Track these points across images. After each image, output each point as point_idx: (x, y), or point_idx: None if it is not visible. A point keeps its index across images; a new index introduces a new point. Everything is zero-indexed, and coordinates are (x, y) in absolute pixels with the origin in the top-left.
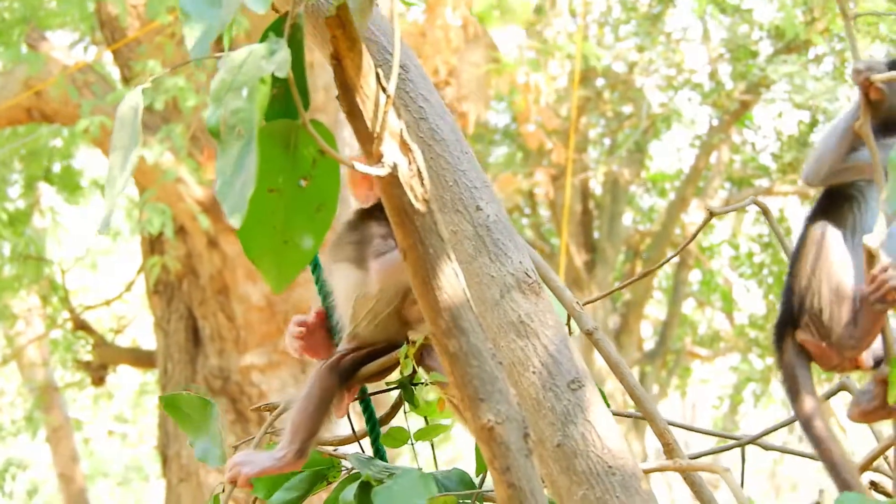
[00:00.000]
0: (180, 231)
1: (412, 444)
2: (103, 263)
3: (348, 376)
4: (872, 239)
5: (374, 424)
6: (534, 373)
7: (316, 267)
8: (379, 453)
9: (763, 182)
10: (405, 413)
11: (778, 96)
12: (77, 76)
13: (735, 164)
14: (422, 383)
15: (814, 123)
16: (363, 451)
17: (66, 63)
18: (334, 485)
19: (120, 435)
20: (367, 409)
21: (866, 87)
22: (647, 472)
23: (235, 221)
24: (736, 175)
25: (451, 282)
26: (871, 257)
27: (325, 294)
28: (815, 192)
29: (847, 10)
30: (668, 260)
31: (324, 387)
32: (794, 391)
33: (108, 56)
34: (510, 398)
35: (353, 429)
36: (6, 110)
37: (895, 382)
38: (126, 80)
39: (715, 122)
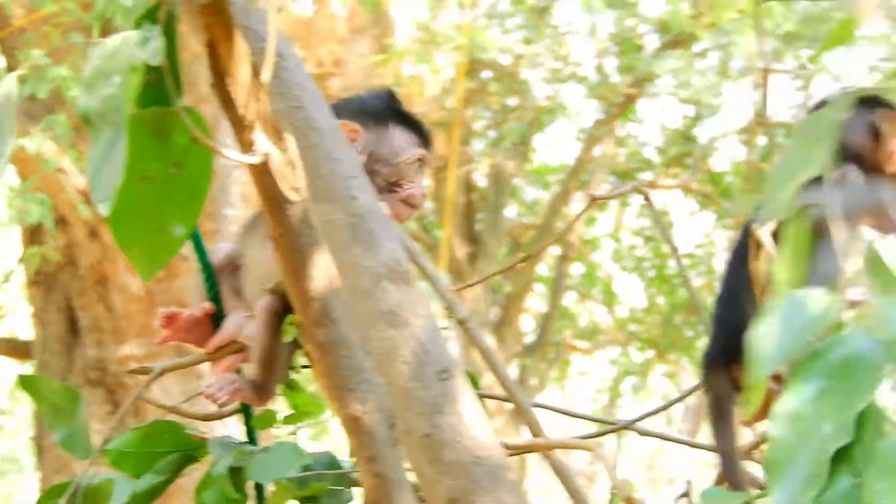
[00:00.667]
0: (61, 221)
1: (295, 429)
2: None
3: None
4: (763, 228)
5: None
6: (403, 363)
7: (199, 246)
8: (251, 434)
9: (647, 175)
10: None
11: (663, 90)
12: None
13: (619, 158)
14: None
15: (698, 118)
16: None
17: None
18: (205, 465)
19: None
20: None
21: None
22: (518, 448)
23: (104, 209)
24: (620, 168)
25: (322, 271)
26: (758, 248)
27: (208, 272)
28: (698, 186)
29: None
30: (546, 245)
31: (272, 328)
32: (718, 426)
33: None
34: (377, 388)
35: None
36: None
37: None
38: (11, 70)
39: (600, 116)
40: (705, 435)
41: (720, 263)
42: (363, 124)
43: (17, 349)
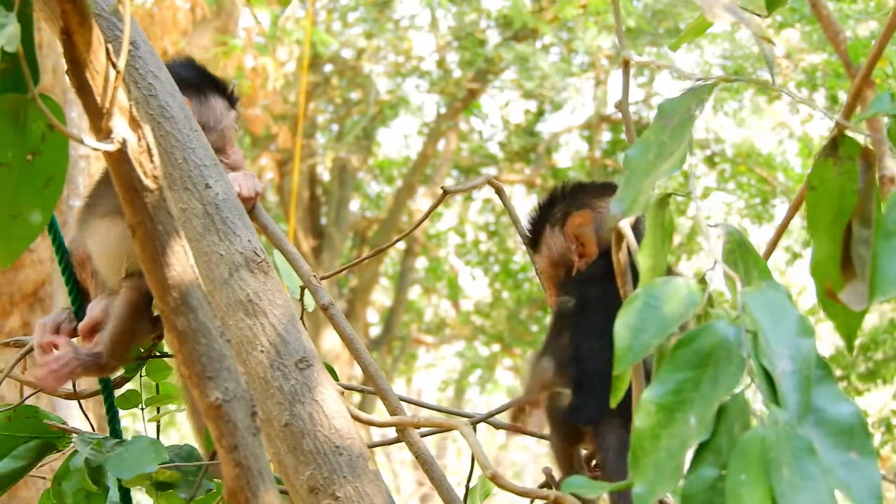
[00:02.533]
0: None
1: (142, 409)
2: None
3: None
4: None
5: (106, 383)
6: (262, 352)
7: (53, 233)
8: (112, 412)
9: (490, 170)
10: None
11: (506, 85)
12: None
13: (463, 152)
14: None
15: (540, 112)
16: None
17: None
18: (65, 453)
19: None
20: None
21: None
22: (386, 424)
23: None
24: (463, 163)
25: (181, 259)
26: (619, 238)
27: (65, 262)
28: (541, 182)
29: None
30: (398, 240)
31: (134, 304)
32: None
33: None
34: (238, 377)
35: (74, 388)
36: None
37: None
38: None
39: (443, 110)
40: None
41: None
42: (186, 96)
43: None
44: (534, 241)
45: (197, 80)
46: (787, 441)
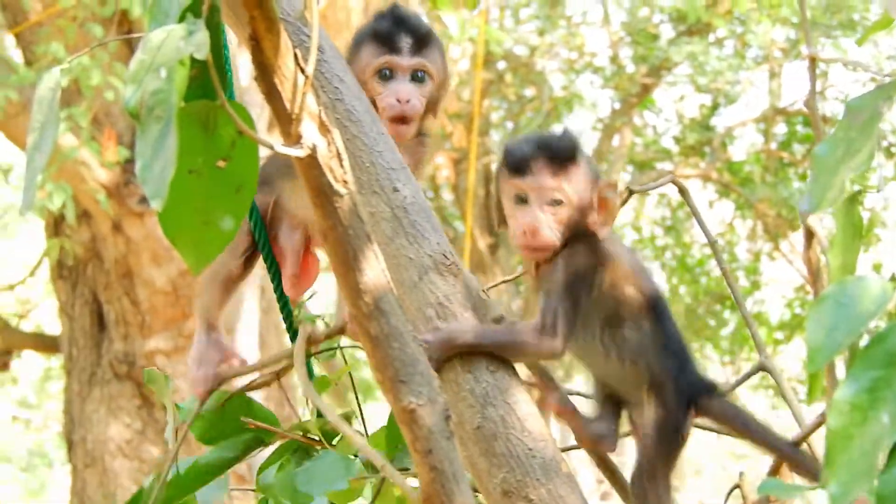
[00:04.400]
0: (84, 215)
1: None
2: (7, 248)
3: None
4: (812, 216)
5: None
6: (453, 355)
7: (255, 219)
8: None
9: (665, 165)
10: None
11: (679, 79)
12: None
13: (637, 148)
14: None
15: (715, 106)
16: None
17: None
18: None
19: (24, 420)
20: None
21: None
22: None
23: (157, 204)
24: (638, 158)
25: (372, 264)
26: (810, 236)
27: (266, 249)
28: (717, 175)
29: None
30: None
31: None
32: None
33: (10, 40)
34: (431, 380)
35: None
36: None
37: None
38: (29, 64)
39: (616, 106)
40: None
41: (741, 252)
42: (349, 58)
43: (45, 343)
44: (564, 161)
45: (358, 35)
46: None
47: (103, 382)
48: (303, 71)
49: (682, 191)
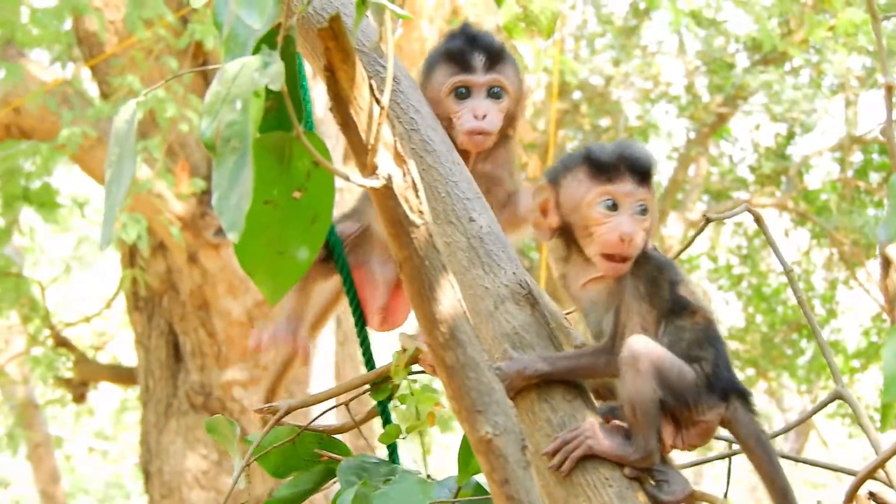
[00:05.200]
0: (160, 247)
1: (403, 438)
2: (83, 280)
3: None
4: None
5: (384, 408)
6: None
7: (336, 246)
8: (392, 449)
9: (741, 194)
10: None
11: (755, 108)
12: (55, 92)
13: (713, 177)
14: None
15: (791, 135)
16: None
17: (43, 80)
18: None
19: (101, 452)
20: (384, 410)
21: None
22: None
23: (233, 236)
24: (714, 187)
25: (448, 293)
26: (887, 264)
27: (347, 278)
28: (792, 204)
29: (875, 11)
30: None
31: None
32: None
33: (85, 73)
34: (507, 410)
35: (353, 418)
36: None
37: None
38: (105, 96)
39: (692, 135)
40: (812, 453)
41: (818, 280)
42: (423, 80)
43: (121, 375)
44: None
45: (432, 56)
46: None
47: (180, 413)
48: (378, 102)
49: (758, 219)
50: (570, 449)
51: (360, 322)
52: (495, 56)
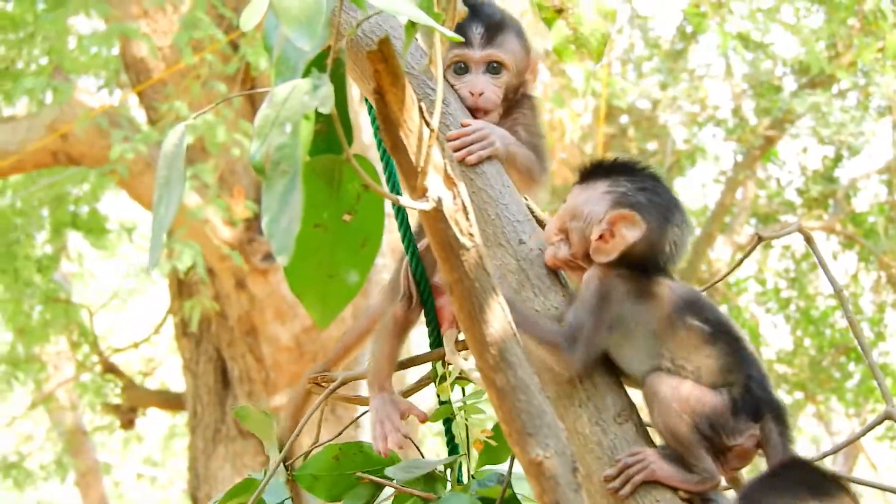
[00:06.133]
0: (208, 273)
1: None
2: (131, 306)
3: None
4: None
5: (448, 427)
6: (580, 406)
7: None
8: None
9: (789, 217)
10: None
11: (802, 131)
12: (102, 118)
13: (761, 200)
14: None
15: (838, 158)
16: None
17: (91, 106)
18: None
19: (149, 478)
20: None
21: None
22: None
23: (283, 259)
24: (761, 211)
25: (498, 316)
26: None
27: (431, 310)
28: (840, 227)
29: None
30: (707, 287)
31: None
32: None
33: (132, 99)
34: (559, 432)
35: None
36: (32, 154)
37: None
38: (152, 122)
39: (739, 158)
40: (860, 476)
41: (866, 304)
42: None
43: (169, 401)
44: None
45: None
46: None
47: (228, 439)
48: (428, 124)
49: (809, 239)
50: (631, 473)
51: (437, 340)
52: (494, 29)
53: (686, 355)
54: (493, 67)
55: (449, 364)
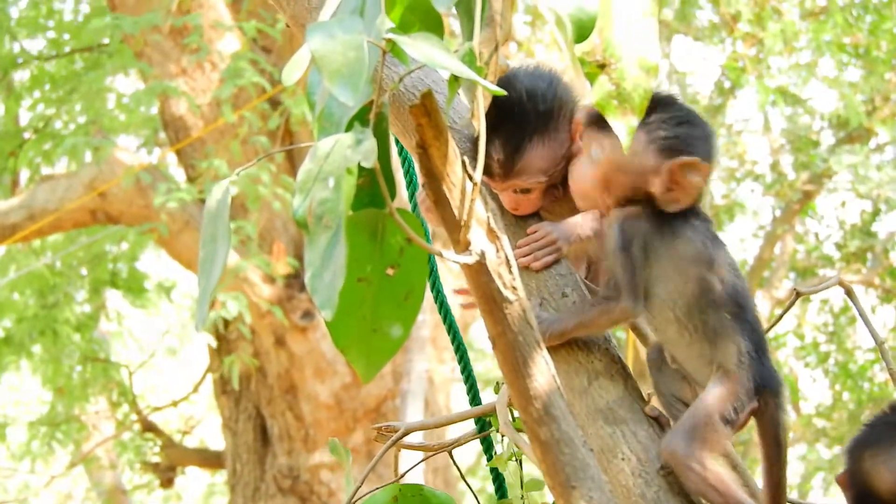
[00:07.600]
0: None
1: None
2: (170, 365)
3: None
4: None
5: (497, 474)
6: (623, 459)
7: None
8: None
9: (827, 272)
10: None
11: (840, 186)
12: (142, 176)
13: (799, 255)
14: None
15: (876, 212)
16: None
17: (129, 164)
18: None
19: None
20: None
21: None
22: None
23: (327, 314)
24: (800, 265)
25: (542, 369)
26: None
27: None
28: (878, 281)
29: None
30: None
31: None
32: None
33: (171, 158)
34: (603, 485)
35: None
36: (71, 213)
37: None
38: (191, 180)
39: (778, 213)
40: None
41: None
42: None
43: (208, 459)
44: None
45: None
46: None
47: (267, 497)
48: (471, 178)
49: (849, 292)
50: None
51: (467, 369)
52: (512, 152)
53: None
54: (521, 190)
55: (502, 435)
